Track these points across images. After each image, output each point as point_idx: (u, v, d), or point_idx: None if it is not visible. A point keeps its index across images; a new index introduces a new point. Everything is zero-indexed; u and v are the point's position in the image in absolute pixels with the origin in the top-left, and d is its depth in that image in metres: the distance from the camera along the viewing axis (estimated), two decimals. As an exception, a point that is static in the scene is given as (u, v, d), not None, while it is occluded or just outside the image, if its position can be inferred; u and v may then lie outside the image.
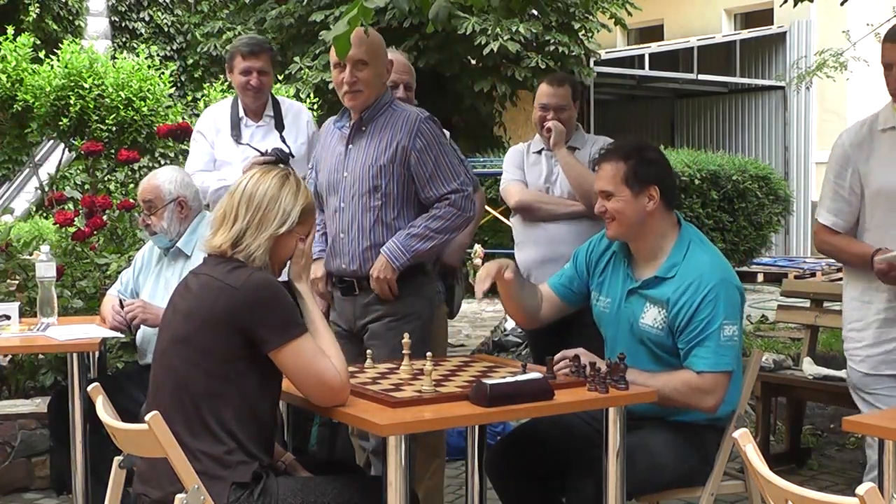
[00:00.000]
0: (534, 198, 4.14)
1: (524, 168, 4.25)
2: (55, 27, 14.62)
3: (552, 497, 3.21)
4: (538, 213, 4.11)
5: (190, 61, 16.25)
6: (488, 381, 2.61)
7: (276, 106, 4.45)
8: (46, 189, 8.52)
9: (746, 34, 17.07)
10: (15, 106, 8.67)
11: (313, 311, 2.75)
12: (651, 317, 3.05)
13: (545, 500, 3.22)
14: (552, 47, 12.05)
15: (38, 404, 4.76)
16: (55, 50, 8.91)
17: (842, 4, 6.46)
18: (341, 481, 2.72)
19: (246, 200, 2.68)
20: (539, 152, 4.25)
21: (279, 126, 4.40)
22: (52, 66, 8.70)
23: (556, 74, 4.37)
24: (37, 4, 14.24)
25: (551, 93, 4.18)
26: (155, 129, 8.01)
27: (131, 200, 6.14)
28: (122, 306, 3.80)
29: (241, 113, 4.39)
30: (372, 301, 3.47)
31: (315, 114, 8.67)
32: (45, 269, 3.91)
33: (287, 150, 4.24)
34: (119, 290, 4.05)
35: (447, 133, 4.09)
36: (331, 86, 9.85)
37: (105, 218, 5.58)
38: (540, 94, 4.24)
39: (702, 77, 16.56)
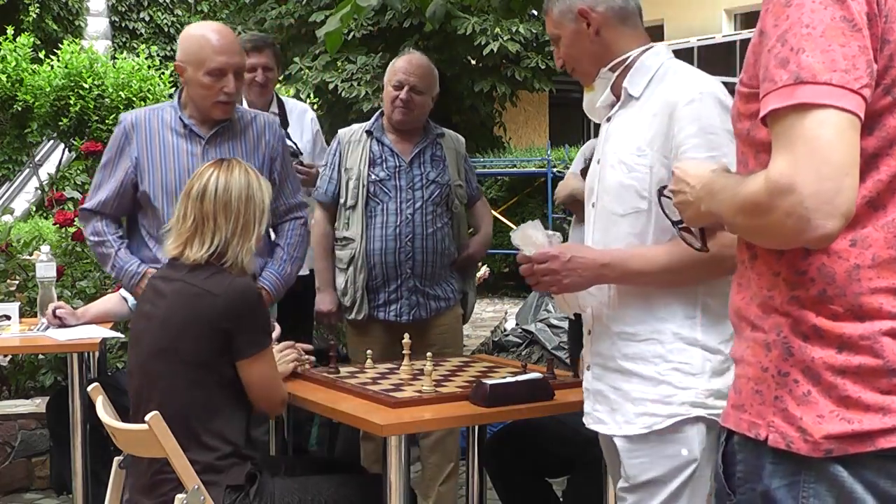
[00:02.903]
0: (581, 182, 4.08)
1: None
2: (55, 27, 14.64)
3: (547, 488, 3.23)
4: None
5: (190, 61, 16.26)
6: (488, 381, 2.61)
7: (281, 105, 4.44)
8: (46, 189, 8.53)
9: (746, 34, 17.08)
10: (15, 106, 8.69)
11: None
12: None
13: (540, 491, 3.23)
14: (552, 47, 12.05)
15: (38, 404, 4.75)
16: (55, 50, 8.93)
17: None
18: (337, 480, 2.72)
19: (222, 208, 2.60)
20: None
21: (284, 123, 4.38)
22: (52, 67, 8.72)
23: None
24: (37, 4, 14.25)
25: None
26: (155, 129, 8.00)
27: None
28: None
29: None
30: None
31: (315, 114, 8.66)
32: (45, 269, 3.90)
33: (294, 147, 4.24)
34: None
35: (463, 141, 4.07)
36: (331, 86, 9.87)
37: (105, 218, 5.57)
38: None
39: (702, 77, 16.56)
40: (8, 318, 3.83)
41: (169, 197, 3.28)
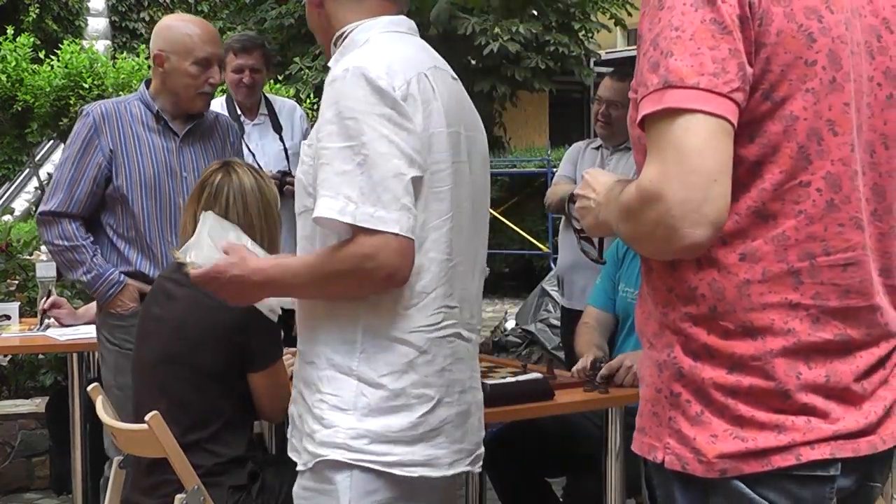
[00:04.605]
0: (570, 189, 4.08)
1: (577, 163, 4.22)
2: (55, 27, 14.61)
3: (547, 488, 3.23)
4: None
5: (190, 61, 16.26)
6: (488, 381, 2.61)
7: (269, 105, 4.41)
8: (46, 189, 8.51)
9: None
10: (15, 106, 8.66)
11: None
12: None
13: (540, 491, 3.23)
14: (552, 47, 12.06)
15: (38, 404, 4.76)
16: (55, 50, 8.90)
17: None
18: None
19: (247, 225, 2.47)
20: (597, 148, 4.21)
21: (277, 127, 4.36)
22: (52, 67, 8.70)
23: (621, 69, 4.36)
24: (37, 4, 14.24)
25: (608, 86, 4.11)
26: (155, 129, 7.99)
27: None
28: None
29: (238, 111, 4.36)
30: None
31: (315, 114, 8.65)
32: (45, 269, 3.91)
33: (284, 152, 4.25)
34: None
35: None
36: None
37: (105, 218, 5.57)
38: (599, 87, 4.20)
39: (702, 77, 16.58)
40: (8, 318, 3.84)
41: (147, 193, 3.14)
